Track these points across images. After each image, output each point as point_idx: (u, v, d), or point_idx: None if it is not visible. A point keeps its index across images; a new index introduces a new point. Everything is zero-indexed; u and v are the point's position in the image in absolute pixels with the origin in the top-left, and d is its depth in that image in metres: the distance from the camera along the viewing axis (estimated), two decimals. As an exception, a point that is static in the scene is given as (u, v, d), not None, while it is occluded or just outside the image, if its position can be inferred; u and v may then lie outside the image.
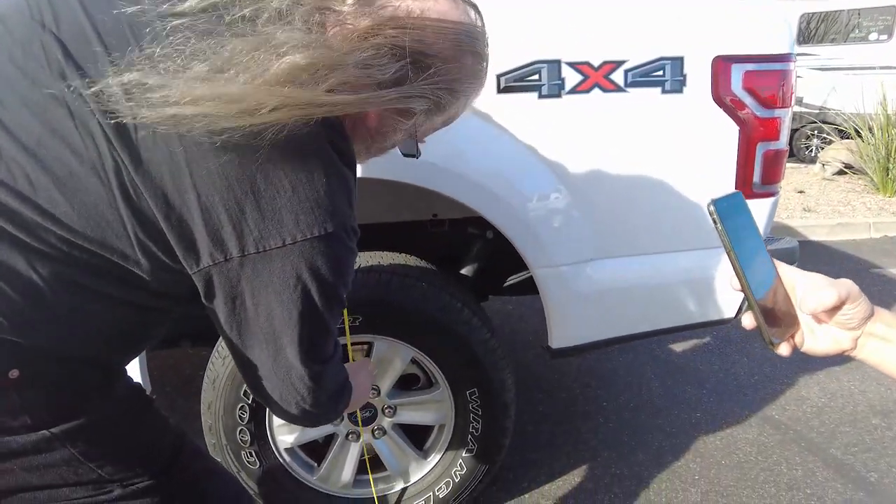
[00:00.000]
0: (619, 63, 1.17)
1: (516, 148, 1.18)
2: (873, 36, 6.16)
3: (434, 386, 1.35)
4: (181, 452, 0.76)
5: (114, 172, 0.58)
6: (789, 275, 0.58)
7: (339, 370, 0.78)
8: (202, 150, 0.59)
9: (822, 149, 6.20)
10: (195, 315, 0.70)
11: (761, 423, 1.91)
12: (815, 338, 0.58)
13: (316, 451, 1.42)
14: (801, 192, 5.25)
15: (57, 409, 0.62)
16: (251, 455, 1.31)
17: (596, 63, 1.16)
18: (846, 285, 0.55)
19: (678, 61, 1.19)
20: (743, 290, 0.55)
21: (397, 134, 0.75)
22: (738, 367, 2.25)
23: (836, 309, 0.55)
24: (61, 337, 0.61)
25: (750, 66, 1.22)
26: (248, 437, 1.29)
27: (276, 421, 1.32)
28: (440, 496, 1.40)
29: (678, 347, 2.41)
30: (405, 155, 0.81)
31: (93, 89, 0.57)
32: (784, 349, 0.57)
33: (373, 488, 1.36)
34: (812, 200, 4.96)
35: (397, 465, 1.41)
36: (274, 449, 1.33)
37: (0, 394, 0.58)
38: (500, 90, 1.14)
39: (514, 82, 1.14)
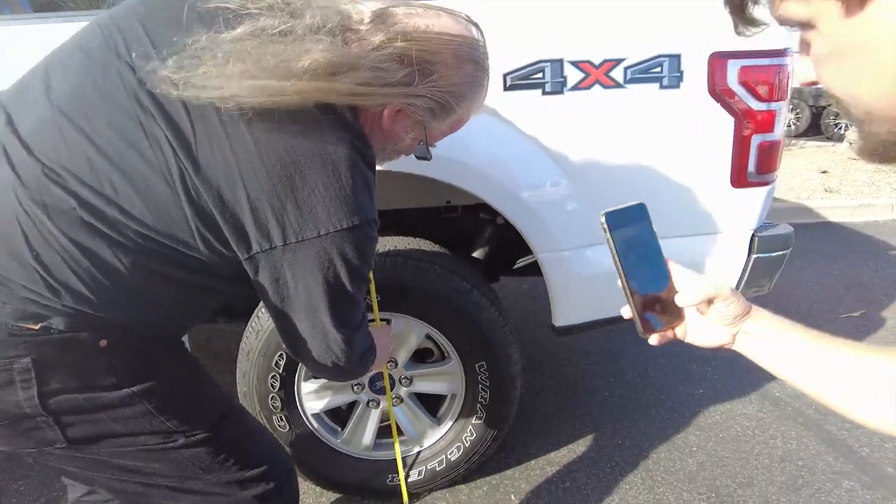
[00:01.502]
0: (619, 61, 1.25)
1: (521, 141, 1.27)
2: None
3: (446, 359, 1.48)
4: (230, 411, 0.90)
5: (178, 178, 0.70)
6: (680, 276, 0.66)
7: (365, 335, 0.91)
8: (250, 156, 0.71)
9: (850, 126, 6.09)
10: (239, 294, 0.83)
11: (761, 400, 2.00)
12: (697, 330, 0.67)
13: (340, 416, 1.56)
14: (824, 172, 5.20)
15: (135, 371, 0.76)
16: (282, 419, 1.46)
17: (596, 61, 1.24)
18: (715, 285, 0.64)
19: (675, 58, 1.27)
20: (622, 289, 0.64)
21: (409, 135, 0.86)
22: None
23: (709, 305, 0.64)
24: (137, 313, 0.75)
25: (746, 62, 1.28)
26: (279, 404, 1.44)
27: (305, 388, 1.46)
28: (452, 459, 1.54)
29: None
30: (418, 158, 0.92)
31: (149, 74, 0.68)
32: (654, 339, 0.67)
33: (396, 447, 1.50)
34: (835, 181, 4.91)
35: (413, 431, 1.54)
36: (302, 414, 1.48)
37: (94, 358, 0.72)
38: (506, 88, 1.23)
39: (519, 80, 1.23)
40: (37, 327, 0.68)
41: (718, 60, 1.27)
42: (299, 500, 1.01)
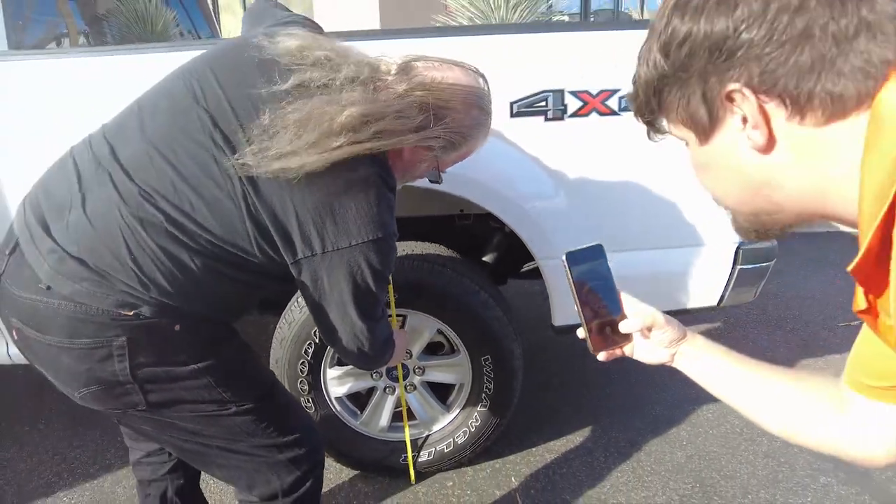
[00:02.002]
0: (614, 91, 1.40)
1: (525, 161, 1.44)
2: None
3: (455, 352, 1.65)
4: (272, 388, 1.09)
5: (242, 198, 0.89)
6: (629, 305, 0.80)
7: (385, 327, 1.09)
8: (300, 186, 0.89)
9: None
10: (285, 291, 1.01)
11: (752, 401, 2.12)
12: (641, 351, 0.82)
13: (360, 400, 1.74)
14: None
15: (200, 351, 0.95)
16: (308, 402, 1.64)
17: (594, 91, 1.40)
18: (652, 316, 0.79)
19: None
20: (578, 314, 0.79)
21: (423, 165, 1.04)
22: (741, 351, 2.44)
23: (648, 331, 0.79)
24: (205, 304, 0.94)
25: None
26: (306, 387, 1.62)
27: (330, 374, 1.64)
28: (458, 442, 1.71)
29: (716, 331, 2.63)
30: (431, 181, 1.10)
31: (234, 160, 0.88)
32: (602, 356, 0.81)
33: (406, 430, 1.68)
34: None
35: (425, 415, 1.72)
36: (327, 397, 1.66)
37: (170, 339, 0.91)
38: (512, 115, 1.39)
39: (524, 108, 1.39)
40: (131, 314, 0.88)
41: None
42: (324, 464, 1.19)
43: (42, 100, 1.41)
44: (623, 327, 0.80)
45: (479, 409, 1.67)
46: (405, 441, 1.68)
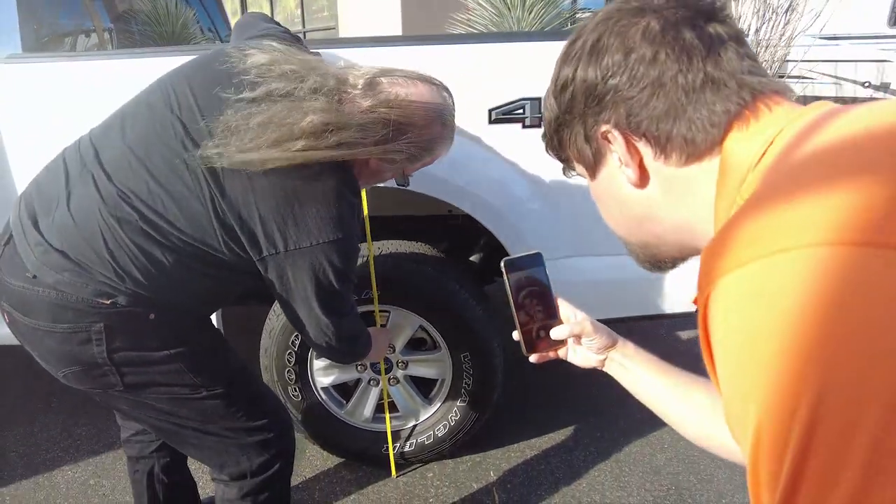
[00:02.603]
0: (592, 100, 1.44)
1: (503, 167, 1.48)
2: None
3: (437, 348, 1.70)
4: (242, 375, 1.16)
5: (209, 200, 0.96)
6: (564, 312, 0.84)
7: (353, 323, 1.14)
8: (262, 189, 0.96)
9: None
10: (255, 287, 1.08)
11: (739, 407, 2.13)
12: (574, 355, 0.86)
13: (345, 391, 1.81)
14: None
15: (173, 338, 1.02)
16: (296, 390, 1.72)
17: (572, 100, 1.43)
18: (582, 325, 0.82)
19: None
20: (513, 317, 0.82)
21: (388, 173, 1.10)
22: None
23: (579, 338, 0.83)
24: (175, 296, 1.01)
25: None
26: (294, 376, 1.70)
27: (316, 365, 1.72)
28: (439, 435, 1.77)
29: (685, 335, 2.63)
30: (398, 184, 1.16)
31: (200, 153, 0.94)
32: (533, 358, 0.85)
33: (388, 422, 1.74)
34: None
35: (407, 408, 1.78)
36: (313, 387, 1.74)
37: (145, 327, 0.99)
38: (490, 121, 1.44)
39: (502, 115, 1.44)
40: (108, 302, 0.96)
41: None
42: (295, 451, 1.26)
43: (58, 101, 1.51)
44: (553, 334, 0.84)
45: (458, 403, 1.73)
46: (389, 433, 1.75)
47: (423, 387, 1.80)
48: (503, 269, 0.82)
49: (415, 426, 1.79)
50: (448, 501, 1.73)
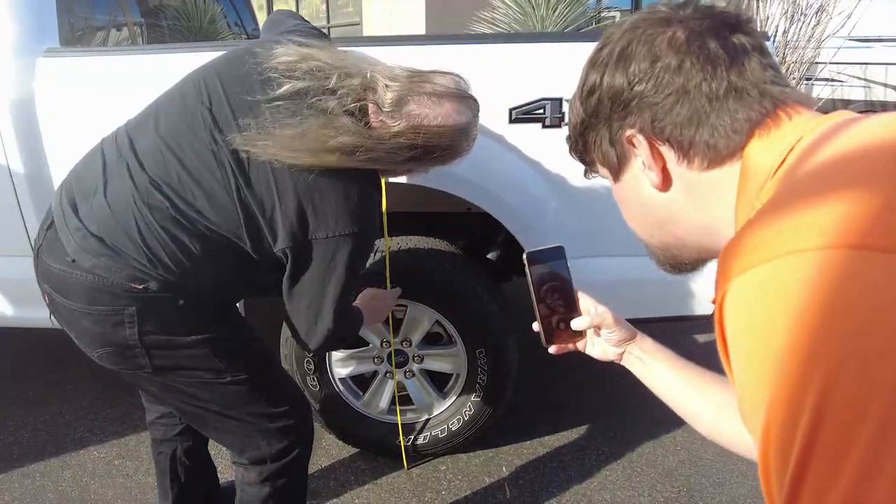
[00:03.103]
0: (613, 101, 1.45)
1: (523, 166, 1.50)
2: None
3: (452, 343, 1.73)
4: (266, 362, 1.20)
5: (235, 190, 1.00)
6: (584, 304, 0.86)
7: (344, 324, 1.13)
8: (284, 180, 0.99)
9: None
10: (278, 279, 1.11)
11: (754, 412, 2.12)
12: (593, 347, 0.87)
13: (362, 383, 1.85)
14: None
15: (200, 324, 1.06)
16: (314, 380, 1.76)
17: (593, 101, 1.44)
18: (602, 316, 0.83)
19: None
20: (534, 309, 0.84)
21: (412, 173, 1.15)
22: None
23: (598, 330, 0.85)
24: (202, 283, 1.05)
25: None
26: (312, 367, 1.74)
27: (335, 356, 1.75)
28: (453, 429, 1.79)
29: (701, 338, 2.62)
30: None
31: (230, 143, 0.98)
32: (553, 349, 0.86)
33: (398, 417, 1.77)
34: None
35: (422, 401, 1.81)
36: (331, 377, 1.78)
37: (174, 312, 1.03)
38: (511, 121, 1.46)
39: (522, 115, 1.45)
40: (140, 287, 1.00)
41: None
42: (313, 438, 1.30)
43: (94, 94, 1.57)
44: (574, 325, 0.86)
45: (472, 398, 1.75)
46: (405, 424, 1.78)
47: (438, 381, 1.83)
48: (525, 262, 0.83)
49: (428, 419, 1.82)
50: (460, 494, 1.75)
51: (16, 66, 1.55)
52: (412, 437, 1.81)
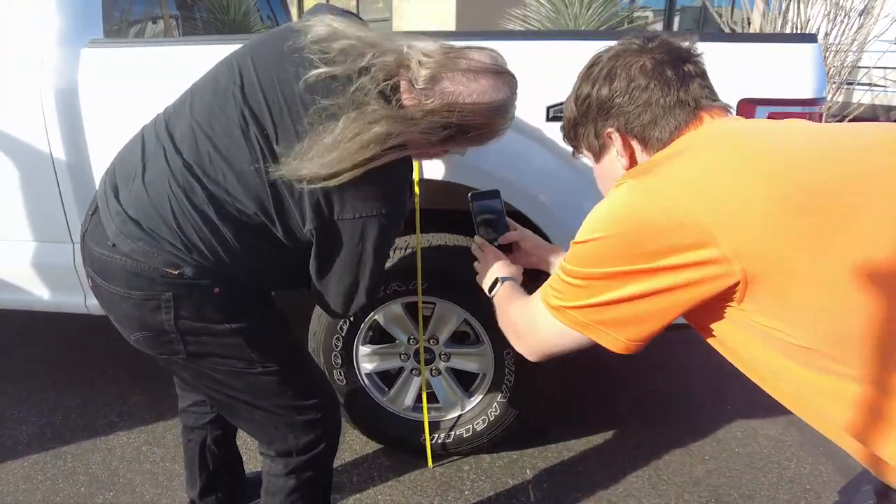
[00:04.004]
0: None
1: (558, 164, 1.47)
2: None
3: (480, 343, 1.71)
4: (298, 355, 1.20)
5: (264, 171, 0.99)
6: (512, 229, 1.29)
7: (365, 295, 1.12)
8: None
9: None
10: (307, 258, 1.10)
11: (787, 424, 2.06)
12: (517, 259, 1.26)
13: (388, 379, 1.84)
14: None
15: (235, 313, 1.07)
16: (340, 374, 1.76)
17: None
18: (522, 233, 1.20)
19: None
20: (476, 232, 1.27)
21: (446, 153, 1.14)
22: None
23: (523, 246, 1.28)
24: (235, 270, 1.05)
25: (775, 108, 1.40)
26: (339, 361, 1.74)
27: (361, 351, 1.75)
28: (477, 429, 1.78)
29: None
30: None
31: (273, 172, 0.99)
32: (478, 245, 1.27)
33: (425, 414, 1.76)
34: None
35: (447, 400, 1.80)
36: (357, 372, 1.78)
37: (210, 299, 1.04)
38: (548, 118, 1.43)
39: (559, 112, 1.43)
40: (175, 273, 1.01)
41: (747, 106, 1.40)
42: (340, 433, 1.30)
43: (136, 84, 1.59)
44: (502, 239, 1.29)
45: (498, 399, 1.74)
46: (429, 421, 1.77)
47: (465, 380, 1.82)
48: (469, 200, 1.29)
49: (460, 416, 1.80)
50: (483, 495, 1.74)
51: (61, 57, 1.58)
52: (436, 435, 1.80)
